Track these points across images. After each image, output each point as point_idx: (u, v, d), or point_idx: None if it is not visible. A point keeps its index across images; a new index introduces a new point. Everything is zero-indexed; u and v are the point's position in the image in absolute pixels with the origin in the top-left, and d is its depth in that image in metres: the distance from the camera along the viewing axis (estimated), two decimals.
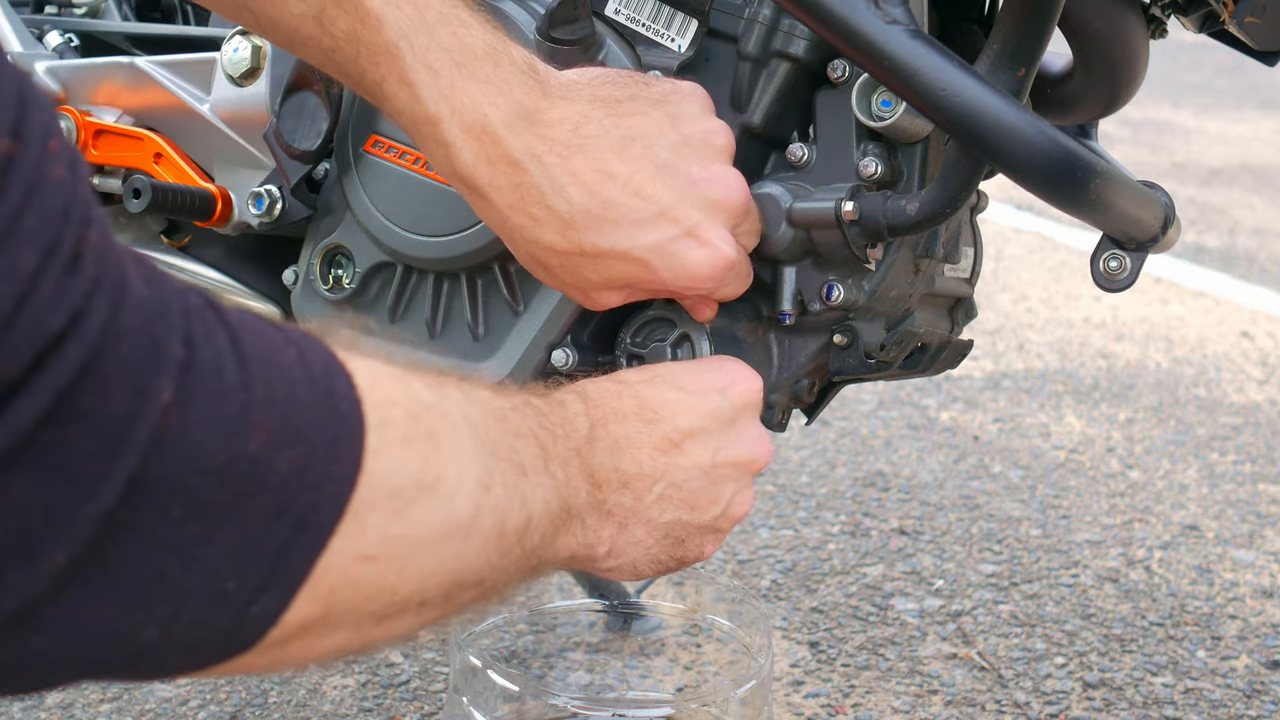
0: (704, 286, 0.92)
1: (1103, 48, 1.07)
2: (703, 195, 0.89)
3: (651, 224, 0.87)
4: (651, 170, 0.87)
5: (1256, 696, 1.53)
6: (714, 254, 0.90)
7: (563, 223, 0.86)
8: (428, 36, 0.83)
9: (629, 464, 0.82)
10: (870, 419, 2.45)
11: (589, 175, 0.85)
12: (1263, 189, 4.81)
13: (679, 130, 0.90)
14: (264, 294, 1.20)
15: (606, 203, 0.86)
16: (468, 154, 0.85)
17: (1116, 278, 1.01)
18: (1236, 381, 2.77)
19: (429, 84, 0.83)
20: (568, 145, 0.85)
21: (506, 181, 0.85)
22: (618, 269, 0.89)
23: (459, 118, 0.84)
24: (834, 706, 1.49)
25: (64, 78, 1.22)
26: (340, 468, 0.58)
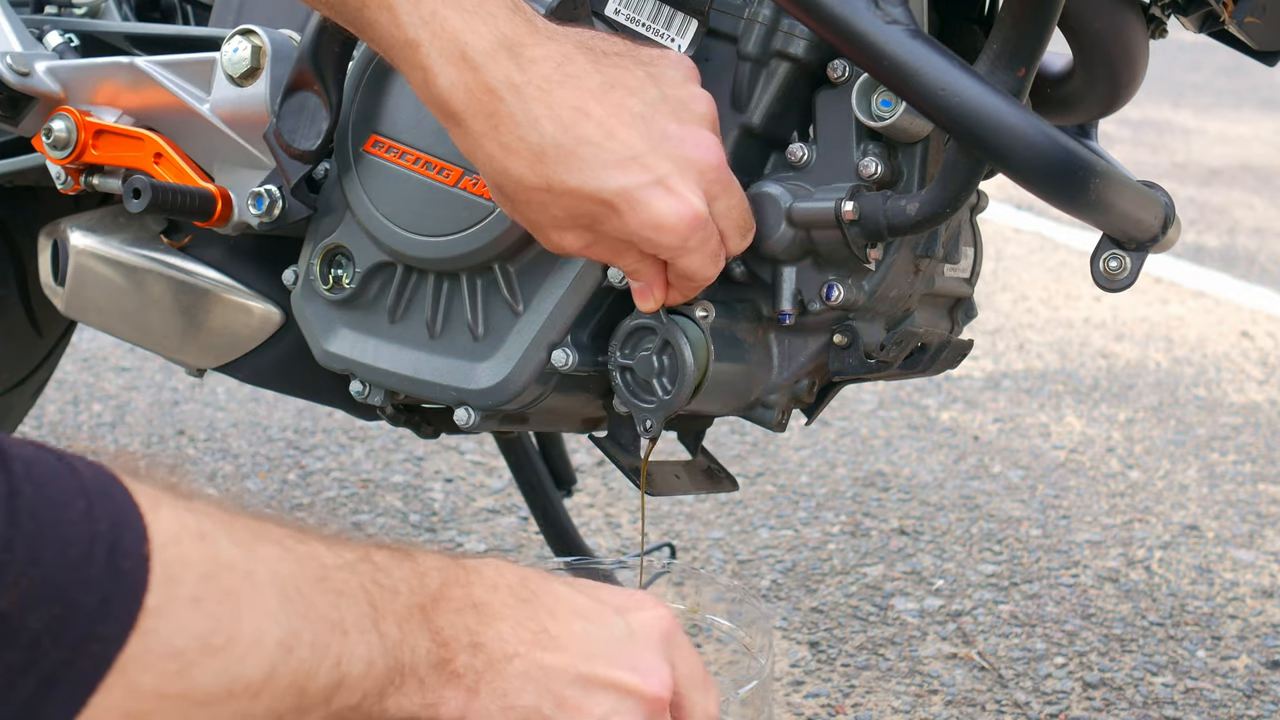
0: (666, 240, 0.88)
1: (1103, 48, 1.07)
2: (677, 150, 0.88)
3: (622, 167, 0.86)
4: (628, 116, 0.86)
5: (1256, 696, 1.53)
6: (682, 205, 0.87)
7: (534, 155, 0.85)
8: None
9: (487, 630, 0.76)
10: (870, 419, 2.45)
11: (565, 111, 0.84)
12: (1263, 189, 4.81)
13: (661, 89, 0.89)
14: (264, 294, 1.20)
15: (580, 139, 0.85)
16: (445, 79, 0.84)
17: (1116, 278, 1.01)
18: (1236, 381, 2.77)
19: (410, 9, 0.82)
20: (548, 79, 0.84)
21: (482, 109, 0.84)
22: (584, 208, 0.87)
23: (439, 43, 0.83)
24: (834, 706, 1.49)
25: (64, 78, 1.22)
26: (108, 627, 0.58)
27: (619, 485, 2.07)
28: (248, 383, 1.27)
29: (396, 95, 1.07)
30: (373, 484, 2.07)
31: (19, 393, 1.63)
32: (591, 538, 1.87)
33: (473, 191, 1.04)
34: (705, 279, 0.95)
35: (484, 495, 2.03)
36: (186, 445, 2.19)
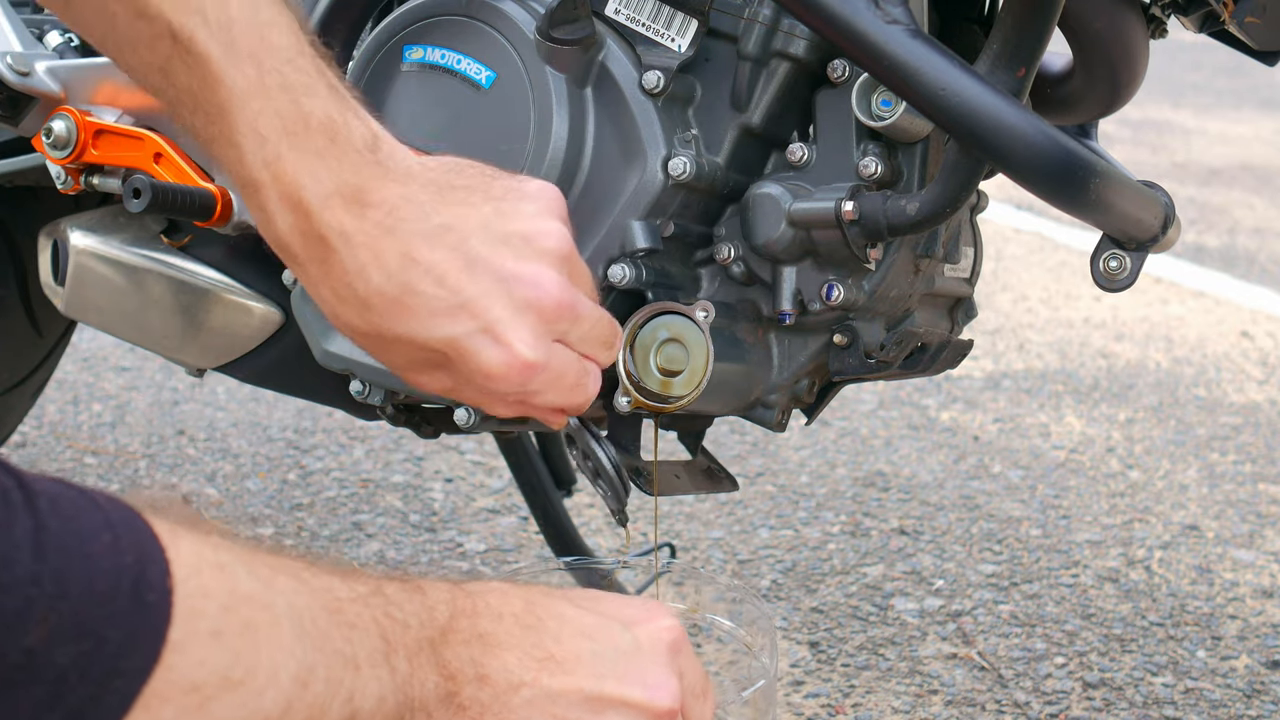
0: (501, 388, 0.86)
1: (1103, 48, 1.07)
2: (511, 292, 0.84)
3: (449, 315, 0.84)
4: (460, 262, 0.84)
5: (1256, 696, 1.53)
6: (508, 354, 0.84)
7: (362, 304, 0.84)
8: (263, 101, 0.82)
9: (492, 661, 0.75)
10: (870, 419, 2.45)
11: (393, 260, 0.83)
12: (1263, 189, 4.81)
13: (504, 226, 0.86)
14: (264, 294, 1.20)
15: (405, 288, 0.83)
16: (282, 224, 0.83)
17: (1116, 278, 1.01)
18: (1236, 381, 2.77)
19: (255, 149, 0.82)
20: (379, 227, 0.83)
21: (315, 255, 0.84)
22: (418, 356, 0.86)
23: (278, 187, 0.82)
24: (834, 706, 1.49)
25: (64, 78, 1.22)
26: (132, 661, 0.58)
27: None
28: (248, 383, 1.27)
29: (396, 95, 1.07)
30: (373, 484, 2.07)
31: (19, 393, 1.63)
32: (591, 538, 1.87)
33: None
34: (574, 409, 0.92)
35: (484, 495, 2.03)
36: (186, 445, 2.19)
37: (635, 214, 1.02)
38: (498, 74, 1.03)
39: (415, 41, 1.07)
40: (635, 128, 1.02)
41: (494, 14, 1.04)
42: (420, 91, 1.06)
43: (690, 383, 1.02)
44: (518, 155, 1.02)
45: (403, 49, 1.07)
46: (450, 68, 1.05)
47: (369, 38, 1.09)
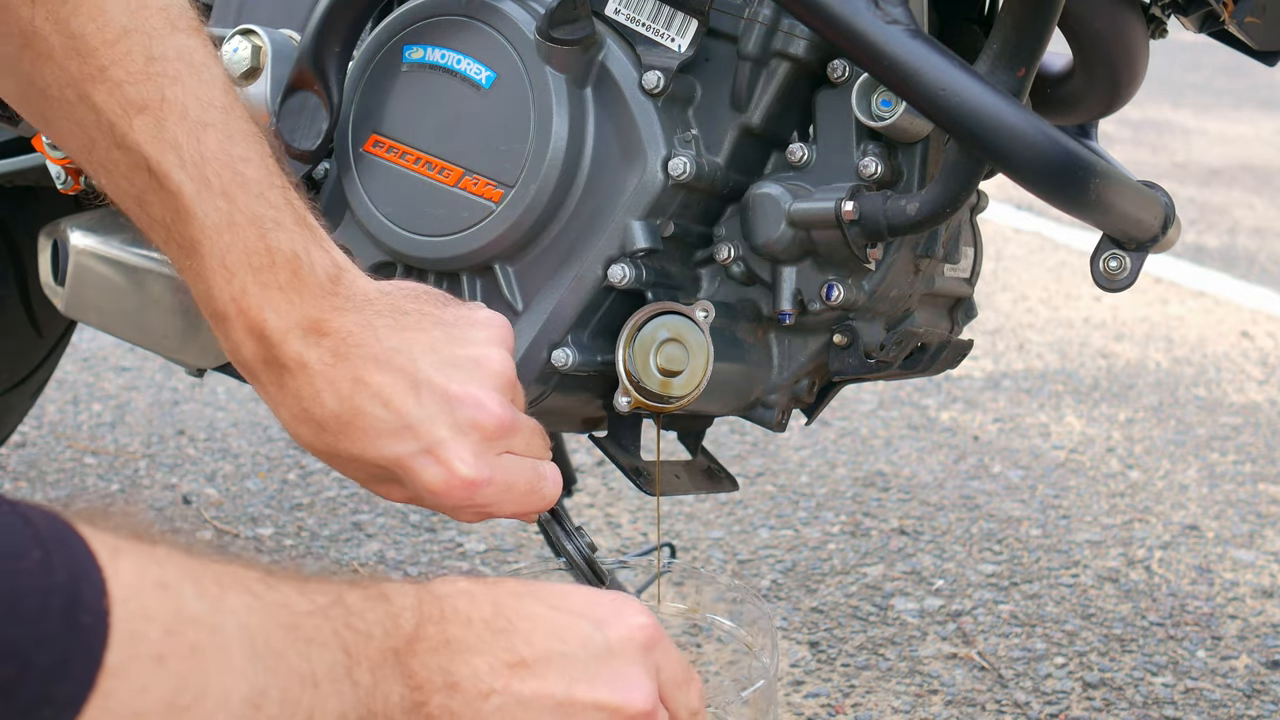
0: (446, 504, 0.91)
1: (1103, 48, 1.07)
2: (454, 414, 0.89)
3: (395, 436, 0.88)
4: (406, 384, 0.88)
5: (1256, 696, 1.53)
6: (448, 473, 0.88)
7: (317, 426, 0.89)
8: (231, 237, 0.86)
9: (461, 668, 0.75)
10: (870, 419, 2.45)
11: (345, 384, 0.88)
12: (1263, 189, 4.81)
13: (452, 350, 0.91)
14: None
15: (355, 410, 0.88)
16: (247, 352, 0.88)
17: (1116, 278, 1.01)
18: (1236, 381, 2.77)
19: (222, 284, 0.87)
20: (334, 354, 0.88)
21: (275, 380, 0.89)
22: (373, 472, 0.91)
23: (244, 319, 0.87)
24: (834, 706, 1.49)
25: None
26: (64, 688, 0.54)
27: (619, 485, 2.07)
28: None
29: (396, 95, 1.07)
30: None
31: (19, 393, 1.63)
32: (591, 538, 1.87)
33: (473, 191, 1.04)
34: (534, 514, 0.96)
35: None
36: (186, 445, 2.19)
37: (635, 214, 1.02)
38: (498, 74, 1.03)
39: (415, 41, 1.07)
40: (635, 128, 1.02)
41: (494, 14, 1.04)
42: (420, 91, 1.06)
43: (690, 383, 1.02)
44: (518, 155, 1.02)
45: (403, 49, 1.07)
46: (450, 68, 1.05)
47: (369, 38, 1.09)
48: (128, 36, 0.85)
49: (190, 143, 0.85)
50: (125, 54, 0.84)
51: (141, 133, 0.84)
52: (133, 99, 0.84)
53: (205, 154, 0.85)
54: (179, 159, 0.85)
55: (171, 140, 0.85)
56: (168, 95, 0.85)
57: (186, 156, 0.85)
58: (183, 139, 0.85)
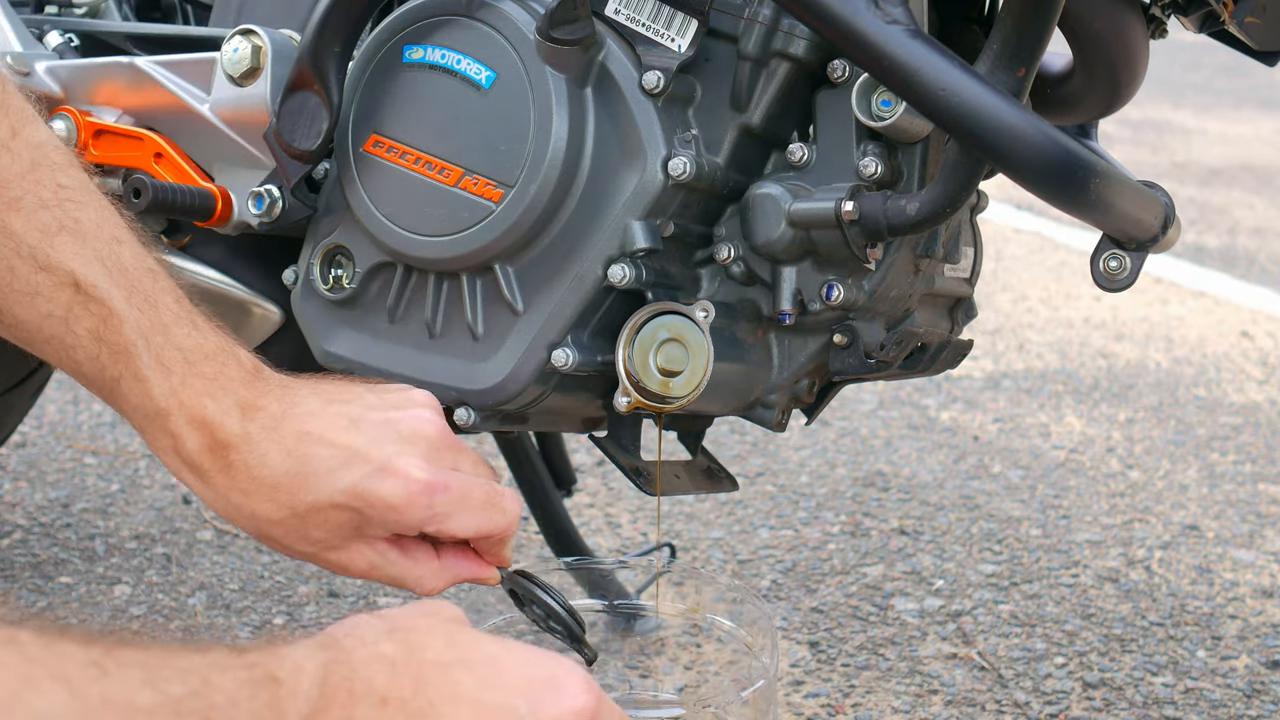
0: (409, 518, 0.91)
1: (1103, 48, 1.07)
2: (395, 431, 0.91)
3: (346, 466, 0.90)
4: (345, 423, 0.91)
5: (1256, 696, 1.53)
6: (405, 481, 0.90)
7: (270, 488, 0.90)
8: (163, 337, 0.90)
9: None
10: (870, 419, 2.45)
11: (288, 439, 0.90)
12: (1263, 189, 4.81)
13: (384, 399, 0.94)
14: (264, 294, 1.20)
15: (303, 458, 0.90)
16: (191, 443, 0.90)
17: (1116, 278, 1.01)
18: (1236, 381, 2.77)
19: (161, 380, 0.90)
20: (275, 418, 0.90)
21: (221, 464, 0.90)
22: (332, 519, 0.91)
23: (185, 411, 0.90)
24: (834, 706, 1.49)
25: (64, 78, 1.22)
26: None
27: (619, 485, 2.07)
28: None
29: (396, 95, 1.07)
30: None
31: (19, 393, 1.63)
32: (591, 538, 1.87)
33: (473, 191, 1.04)
34: (496, 531, 0.95)
35: None
36: None
37: (635, 214, 1.02)
38: (498, 74, 1.03)
39: (415, 41, 1.07)
40: (635, 128, 1.02)
41: (494, 14, 1.04)
42: (420, 91, 1.06)
43: (690, 383, 1.02)
44: (518, 155, 1.02)
45: (403, 49, 1.07)
46: (450, 68, 1.05)
47: (369, 38, 1.09)
48: (36, 169, 0.89)
49: (110, 256, 0.90)
50: (36, 184, 0.89)
51: (63, 251, 0.88)
52: (49, 223, 0.88)
53: (124, 265, 0.90)
54: (104, 270, 0.89)
55: (94, 255, 0.89)
56: (80, 218, 0.90)
57: (110, 267, 0.89)
58: (103, 253, 0.90)
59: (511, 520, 0.95)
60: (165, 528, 1.83)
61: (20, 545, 1.76)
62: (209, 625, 1.58)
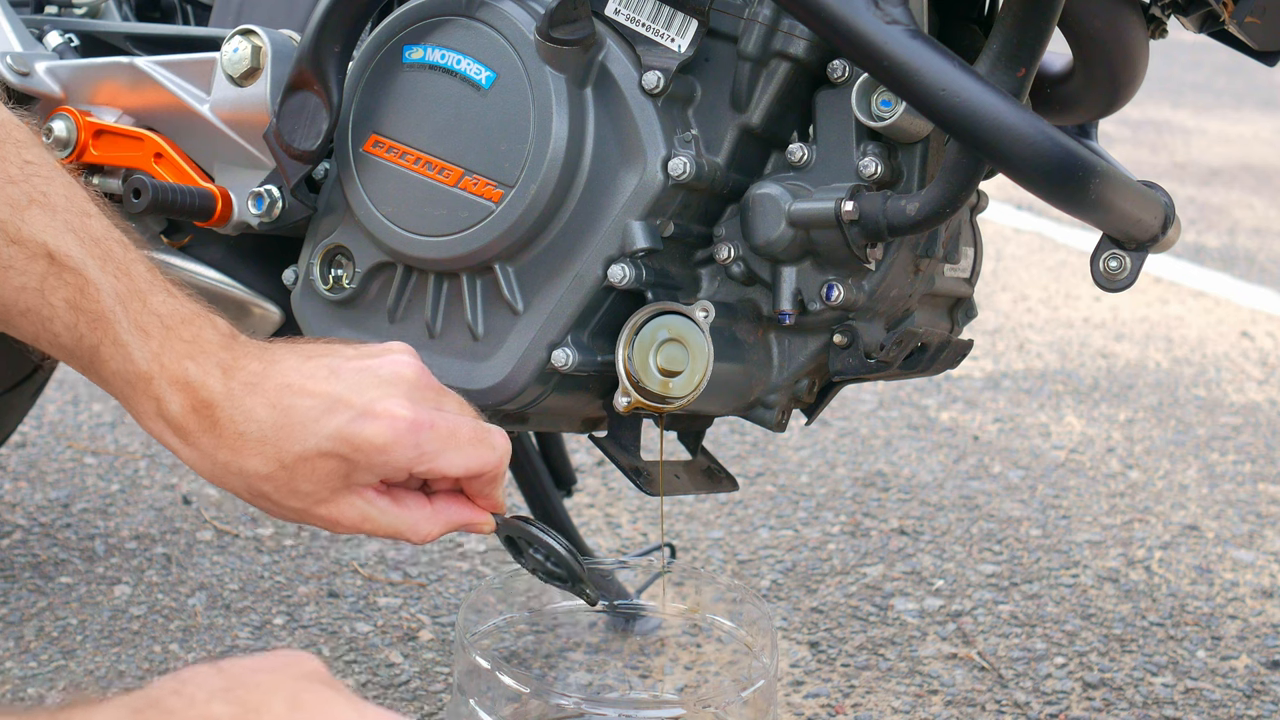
0: (397, 458, 0.91)
1: (1103, 48, 1.07)
2: (375, 375, 0.92)
3: (329, 413, 0.90)
4: (325, 373, 0.92)
5: (1256, 696, 1.53)
6: (390, 421, 0.90)
7: (257, 442, 0.90)
8: (140, 303, 0.91)
9: None
10: (870, 419, 2.45)
11: (271, 393, 0.91)
12: (1263, 189, 4.81)
13: (362, 351, 0.95)
14: (264, 294, 1.20)
15: (287, 410, 0.90)
16: (175, 404, 0.91)
17: (1116, 278, 1.01)
18: (1236, 381, 2.77)
19: (140, 345, 0.90)
20: (256, 374, 0.91)
21: (205, 423, 0.91)
22: (320, 468, 0.91)
23: (167, 373, 0.91)
24: (834, 706, 1.49)
25: (64, 78, 1.22)
26: None
27: (619, 485, 2.07)
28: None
29: (396, 95, 1.07)
30: None
31: (19, 393, 1.63)
32: (591, 538, 1.87)
33: (473, 191, 1.04)
34: (487, 469, 0.95)
35: None
36: None
37: (635, 214, 1.02)
38: (498, 74, 1.03)
39: (415, 41, 1.07)
40: (635, 128, 1.02)
41: (494, 14, 1.04)
42: (420, 91, 1.06)
43: (690, 383, 1.02)
44: (518, 155, 1.02)
45: (403, 49, 1.07)
46: (450, 68, 1.05)
47: (369, 38, 1.09)
48: (2, 146, 0.90)
49: (81, 227, 0.91)
50: (2, 160, 0.89)
51: (35, 224, 0.89)
52: (18, 197, 0.89)
53: (95, 236, 0.91)
54: (76, 240, 0.90)
55: (65, 225, 0.90)
56: (48, 191, 0.90)
57: (83, 238, 0.90)
58: (75, 224, 0.90)
59: (502, 456, 0.95)
60: (165, 528, 1.83)
61: (20, 545, 1.76)
62: (209, 625, 1.58)
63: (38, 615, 1.59)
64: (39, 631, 1.55)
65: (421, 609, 1.64)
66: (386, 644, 1.56)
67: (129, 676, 1.47)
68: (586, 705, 1.11)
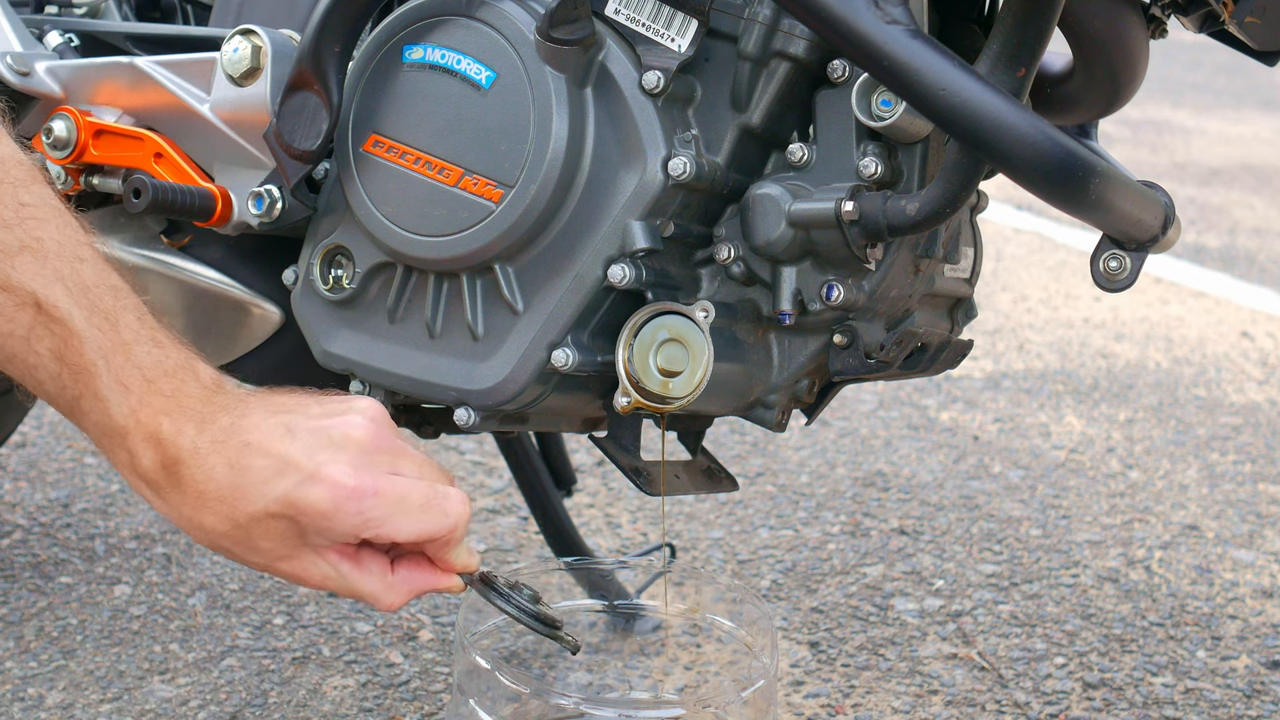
0: (342, 524, 0.91)
1: (1103, 48, 1.07)
2: (327, 437, 0.92)
3: (279, 475, 0.90)
4: (281, 432, 0.91)
5: (1256, 696, 1.53)
6: (331, 487, 0.90)
7: (216, 501, 0.91)
8: (123, 356, 0.91)
9: None
10: (870, 419, 2.45)
11: (231, 451, 0.91)
12: (1263, 189, 4.81)
13: (325, 404, 0.95)
14: (264, 294, 1.20)
15: (243, 470, 0.90)
16: (146, 459, 0.91)
17: (1116, 278, 1.01)
18: (1236, 381, 2.77)
19: (120, 400, 0.91)
20: (225, 431, 0.91)
21: (172, 479, 0.91)
22: (273, 529, 0.91)
23: (142, 429, 0.91)
24: (834, 706, 1.49)
25: (64, 78, 1.22)
26: None
27: (619, 485, 2.07)
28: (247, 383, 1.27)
29: (396, 95, 1.07)
30: None
31: (19, 392, 1.63)
32: (591, 538, 1.87)
33: (473, 191, 1.04)
34: (439, 534, 0.94)
35: (484, 495, 2.03)
36: None
37: (635, 214, 1.02)
38: (498, 74, 1.03)
39: (415, 41, 1.07)
40: (635, 128, 1.02)
41: (494, 14, 1.04)
42: (420, 91, 1.06)
43: (690, 383, 1.02)
44: (517, 155, 1.02)
45: (403, 49, 1.07)
46: (450, 68, 1.05)
47: (369, 38, 1.09)
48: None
49: (71, 275, 0.90)
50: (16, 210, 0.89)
51: (24, 271, 0.89)
52: (10, 243, 0.89)
53: (86, 284, 0.91)
54: (65, 290, 0.89)
55: (54, 274, 0.90)
56: (42, 236, 0.90)
57: (71, 288, 0.90)
58: (65, 272, 0.90)
59: (455, 522, 0.94)
60: (165, 528, 1.83)
61: (20, 545, 1.76)
62: (209, 625, 1.58)
63: (38, 615, 1.59)
64: (39, 631, 1.55)
65: (421, 609, 1.64)
66: (386, 644, 1.56)
67: (129, 676, 1.47)
68: (586, 705, 1.11)
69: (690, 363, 1.02)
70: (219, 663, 1.50)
